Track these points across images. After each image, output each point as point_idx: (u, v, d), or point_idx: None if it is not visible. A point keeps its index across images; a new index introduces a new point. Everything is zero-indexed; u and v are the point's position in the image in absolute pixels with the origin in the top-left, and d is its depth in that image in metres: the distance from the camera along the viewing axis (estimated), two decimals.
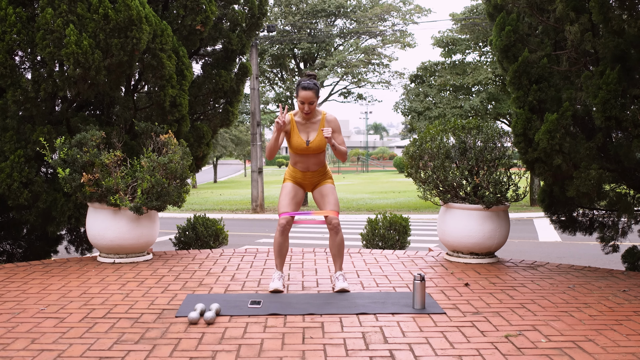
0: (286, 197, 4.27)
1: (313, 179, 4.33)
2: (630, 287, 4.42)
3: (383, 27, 23.08)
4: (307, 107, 4.09)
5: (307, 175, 4.32)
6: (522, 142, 5.18)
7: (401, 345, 3.09)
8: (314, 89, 4.07)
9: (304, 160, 4.26)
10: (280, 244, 4.25)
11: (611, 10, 4.42)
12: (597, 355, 2.96)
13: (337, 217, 4.22)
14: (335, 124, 4.20)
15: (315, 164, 4.28)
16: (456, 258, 5.42)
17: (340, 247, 4.27)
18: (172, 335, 3.24)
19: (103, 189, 5.07)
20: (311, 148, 4.17)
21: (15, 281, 4.52)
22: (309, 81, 4.08)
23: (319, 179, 4.34)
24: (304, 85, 4.06)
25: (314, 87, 4.07)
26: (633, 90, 4.60)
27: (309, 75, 4.16)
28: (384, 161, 68.04)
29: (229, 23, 7.02)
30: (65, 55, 5.11)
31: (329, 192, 4.28)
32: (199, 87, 6.78)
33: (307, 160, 4.25)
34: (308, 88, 4.04)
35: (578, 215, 5.88)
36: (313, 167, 4.28)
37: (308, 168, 4.29)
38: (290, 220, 4.20)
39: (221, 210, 20.12)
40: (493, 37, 5.40)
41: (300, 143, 4.17)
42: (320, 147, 4.20)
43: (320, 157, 4.28)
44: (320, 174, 4.33)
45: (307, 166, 4.28)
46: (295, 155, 4.27)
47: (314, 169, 4.29)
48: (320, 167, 4.32)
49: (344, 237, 4.33)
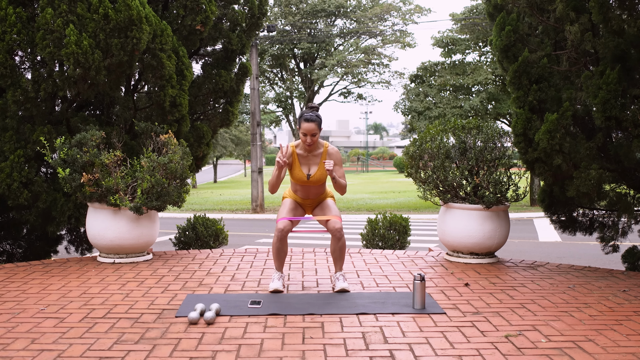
0: (285, 209, 4.27)
1: (313, 204, 4.40)
2: (630, 287, 4.42)
3: (383, 27, 23.09)
4: (310, 139, 4.10)
5: (306, 202, 4.38)
6: (522, 142, 5.18)
7: (401, 345, 3.09)
8: (317, 121, 4.07)
9: (304, 190, 4.31)
10: (279, 248, 4.23)
11: (611, 10, 4.42)
12: (597, 355, 2.96)
13: (339, 221, 4.21)
14: (336, 156, 4.21)
15: (316, 194, 4.33)
16: (456, 258, 5.42)
17: (341, 252, 4.27)
18: (172, 335, 3.24)
19: (103, 189, 5.07)
20: (312, 181, 4.20)
21: (15, 281, 4.53)
22: (311, 113, 4.09)
23: (319, 201, 4.40)
24: (307, 117, 4.06)
25: (317, 119, 4.08)
26: (633, 90, 4.60)
27: (311, 107, 4.17)
28: (384, 161, 68.04)
29: (229, 23, 7.02)
30: (65, 55, 5.11)
31: (329, 205, 4.31)
32: (199, 87, 6.78)
33: (307, 190, 4.30)
34: (311, 120, 4.05)
35: (578, 215, 5.88)
36: (313, 196, 4.34)
37: (308, 196, 4.34)
38: (288, 225, 4.17)
39: (221, 210, 20.12)
40: (493, 37, 5.40)
41: (301, 176, 4.20)
42: (321, 180, 4.22)
43: (321, 188, 4.32)
44: (321, 198, 4.39)
45: (307, 195, 4.33)
46: (295, 184, 4.30)
47: (314, 197, 4.35)
48: (321, 195, 4.37)
49: (345, 242, 4.35)
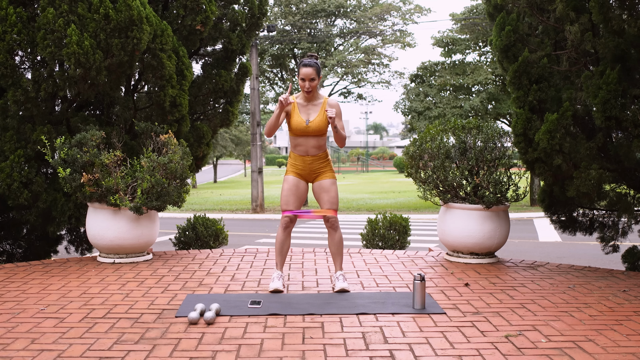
0: (288, 193, 4.24)
1: (313, 165, 4.23)
2: (631, 287, 4.42)
3: (383, 27, 23.08)
4: (308, 85, 4.09)
5: (306, 161, 4.23)
6: (522, 142, 5.18)
7: (401, 345, 3.09)
8: (315, 66, 4.08)
9: (303, 143, 4.20)
10: (282, 241, 4.25)
11: (611, 10, 4.42)
12: (597, 355, 2.96)
13: (335, 215, 4.22)
14: (338, 108, 4.19)
15: (315, 147, 4.20)
16: (456, 258, 5.42)
17: (339, 245, 4.27)
18: (172, 335, 3.24)
19: (103, 189, 5.07)
20: (310, 128, 4.12)
21: (15, 281, 4.53)
22: (309, 59, 4.11)
23: (319, 166, 4.25)
24: (305, 62, 4.10)
25: (315, 64, 4.09)
26: (633, 90, 4.60)
27: (311, 55, 4.18)
28: (384, 161, 68.03)
29: (229, 23, 7.02)
30: (66, 55, 5.11)
31: (328, 188, 4.24)
32: (199, 87, 6.78)
33: (306, 142, 4.19)
34: (309, 65, 4.07)
35: (578, 215, 5.88)
36: (312, 150, 4.20)
37: (307, 152, 4.22)
38: (293, 218, 4.21)
39: (221, 210, 20.12)
40: (493, 37, 5.40)
41: (299, 122, 4.14)
42: (320, 128, 4.14)
43: (320, 141, 4.21)
44: (321, 160, 4.24)
45: (306, 149, 4.21)
46: (294, 138, 4.22)
47: (314, 152, 4.21)
48: (321, 153, 4.24)
49: (342, 236, 4.33)
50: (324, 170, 4.27)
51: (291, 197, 4.24)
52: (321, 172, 4.27)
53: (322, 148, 4.25)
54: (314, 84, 4.11)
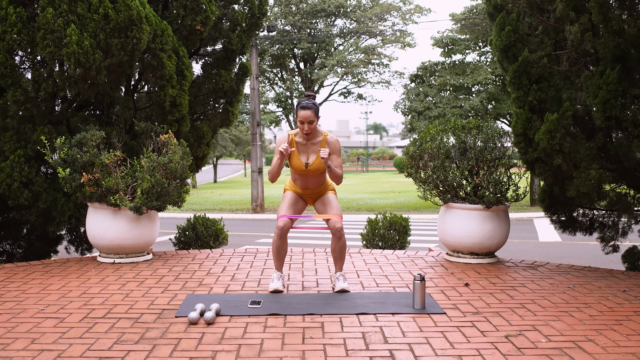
0: (286, 204, 4.27)
1: (313, 195, 4.37)
2: (631, 287, 4.42)
3: (383, 27, 23.08)
4: (307, 127, 4.09)
5: (306, 192, 4.36)
6: (522, 142, 5.18)
7: (401, 345, 3.09)
8: (313, 108, 4.07)
9: (303, 179, 4.29)
10: (279, 247, 4.24)
11: (611, 10, 4.42)
12: (597, 355, 2.96)
13: (340, 220, 4.21)
14: (335, 145, 4.21)
15: (315, 183, 4.30)
16: (456, 258, 5.42)
17: (342, 251, 4.27)
18: (172, 335, 3.24)
19: (103, 189, 5.07)
20: (310, 170, 4.18)
21: (15, 281, 4.53)
22: (307, 101, 4.09)
23: (319, 193, 4.36)
24: (303, 105, 4.07)
25: (313, 106, 4.07)
26: (633, 90, 4.60)
27: (308, 95, 4.17)
28: (384, 161, 68.02)
29: (229, 23, 7.02)
30: (66, 55, 5.11)
31: (330, 200, 4.29)
32: (199, 87, 6.78)
33: (306, 179, 4.28)
34: (307, 108, 4.05)
35: (578, 215, 5.88)
36: (312, 185, 4.31)
37: (307, 186, 4.32)
38: (288, 222, 4.19)
39: (221, 210, 20.12)
40: (493, 37, 5.40)
41: (299, 165, 4.19)
42: (320, 169, 4.19)
43: (320, 178, 4.28)
44: (321, 188, 4.35)
45: (306, 184, 4.31)
46: (294, 174, 4.29)
47: (313, 187, 4.32)
48: (320, 185, 4.33)
49: (346, 241, 4.33)
50: (325, 191, 4.37)
51: (289, 207, 4.26)
52: (322, 193, 4.36)
53: (322, 181, 4.33)
54: (313, 126, 4.11)
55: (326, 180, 4.38)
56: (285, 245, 4.26)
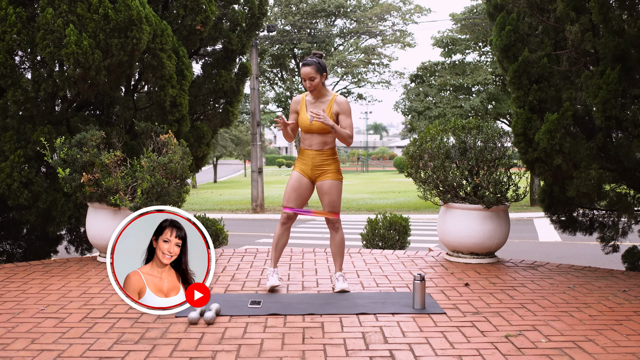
0: (290, 190, 4.24)
1: (315, 160, 4.18)
2: (630, 287, 4.42)
3: (383, 27, 23.08)
4: (309, 84, 4.08)
5: (309, 154, 4.20)
6: (522, 142, 5.18)
7: (401, 345, 3.09)
8: (314, 65, 4.04)
9: (308, 138, 4.21)
10: (279, 235, 4.25)
11: (611, 11, 4.42)
12: (597, 355, 2.96)
13: (336, 217, 4.22)
14: (344, 106, 4.14)
15: (320, 143, 4.17)
16: (456, 258, 5.42)
17: (340, 246, 4.27)
18: (172, 335, 3.24)
19: (103, 189, 5.07)
20: (314, 126, 4.11)
21: (15, 281, 4.53)
22: (310, 58, 4.09)
23: (322, 162, 4.19)
24: (305, 62, 4.09)
25: (314, 63, 4.05)
26: (633, 90, 4.60)
27: (314, 53, 4.16)
28: (384, 161, 68.02)
29: (229, 23, 7.02)
30: (65, 55, 5.11)
31: (330, 190, 4.19)
32: (199, 87, 6.78)
33: (311, 138, 4.19)
34: (307, 64, 4.06)
35: (578, 215, 5.88)
36: (317, 145, 4.17)
37: (311, 145, 4.19)
38: (292, 215, 4.22)
39: (221, 210, 20.11)
40: (493, 36, 5.40)
41: (304, 120, 4.16)
42: (323, 127, 4.09)
43: (325, 138, 4.16)
44: (325, 156, 4.19)
45: (310, 143, 4.19)
46: (302, 133, 4.25)
47: (318, 147, 4.17)
48: (327, 149, 4.19)
49: (344, 237, 4.32)
50: (328, 170, 4.20)
51: (293, 193, 4.23)
52: (325, 171, 4.20)
53: (328, 145, 4.20)
54: (315, 82, 4.08)
55: (333, 150, 4.25)
56: (285, 236, 4.27)
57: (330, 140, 4.21)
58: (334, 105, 4.14)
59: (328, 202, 4.21)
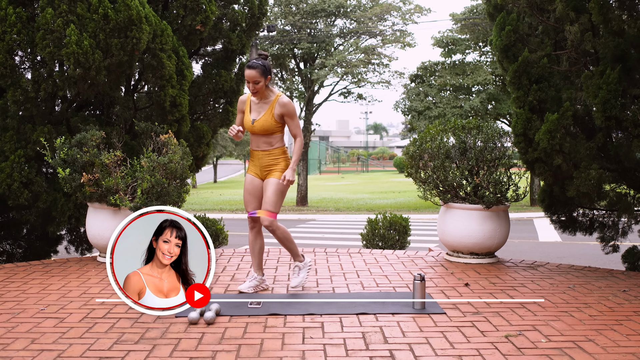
0: (245, 193, 4.22)
1: (263, 161, 4.14)
2: (630, 287, 4.42)
3: (383, 27, 23.07)
4: (252, 87, 3.98)
5: (258, 155, 4.16)
6: (522, 142, 5.18)
7: (401, 345, 3.09)
8: (258, 68, 3.93)
9: (254, 139, 4.16)
10: (252, 241, 4.26)
11: (611, 11, 4.42)
12: (597, 355, 2.96)
13: (267, 217, 4.06)
14: (288, 107, 4.05)
15: (265, 144, 4.11)
16: (456, 258, 5.42)
17: (283, 242, 4.18)
18: (172, 335, 3.24)
19: (103, 189, 5.07)
20: (255, 128, 4.05)
21: (15, 281, 4.53)
22: (254, 60, 3.96)
23: (269, 162, 4.13)
24: (249, 64, 3.96)
25: (259, 66, 3.93)
26: (633, 90, 4.60)
27: (260, 54, 4.02)
28: (384, 161, 67.99)
29: (229, 23, 7.02)
30: (65, 55, 5.11)
31: (269, 187, 4.10)
32: (199, 87, 6.78)
33: (256, 138, 4.14)
34: (252, 67, 3.94)
35: (578, 215, 5.88)
36: (262, 145, 4.12)
37: (258, 146, 4.14)
38: (255, 218, 4.18)
39: (221, 210, 20.10)
40: (493, 37, 5.40)
41: (247, 120, 4.10)
42: (265, 128, 4.04)
43: (270, 139, 4.10)
44: (272, 156, 4.13)
45: (257, 144, 4.14)
46: (250, 134, 4.20)
47: (263, 148, 4.12)
48: (272, 149, 4.12)
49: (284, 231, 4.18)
50: (275, 169, 4.14)
51: (249, 197, 4.21)
52: (271, 170, 4.15)
53: (274, 145, 4.14)
54: (259, 86, 3.97)
55: (277, 151, 4.15)
56: (258, 240, 4.26)
57: (276, 141, 4.15)
58: (277, 106, 4.04)
59: (264, 199, 4.10)
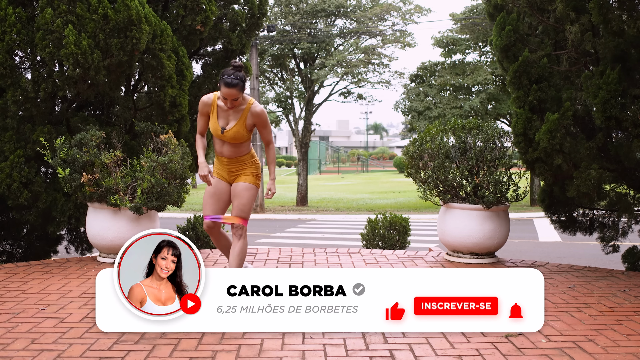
0: (207, 195, 4.09)
1: (230, 167, 4.03)
2: (630, 287, 4.42)
3: (383, 27, 23.08)
4: (231, 104, 3.76)
5: (223, 162, 4.03)
6: (522, 142, 5.18)
7: (401, 345, 3.09)
8: (237, 85, 3.68)
9: (219, 144, 3.98)
10: (215, 242, 4.27)
11: (611, 11, 4.42)
12: (597, 355, 2.96)
13: (243, 223, 4.01)
14: (261, 117, 3.88)
15: (232, 152, 3.96)
16: (456, 258, 5.42)
17: (239, 256, 3.98)
18: (172, 335, 3.24)
19: (103, 189, 5.07)
20: (226, 137, 3.87)
21: (15, 281, 4.52)
22: (233, 76, 3.68)
23: (237, 168, 4.03)
24: (227, 82, 3.66)
25: (237, 83, 3.68)
26: (633, 90, 4.60)
27: (236, 66, 3.72)
28: (384, 161, 67.98)
29: (229, 23, 7.02)
30: (64, 56, 5.11)
31: (240, 193, 4.00)
32: (199, 87, 6.78)
33: (222, 145, 3.96)
34: (232, 86, 3.67)
35: (578, 215, 5.88)
36: (228, 153, 3.97)
37: (222, 153, 3.98)
38: (210, 223, 4.12)
39: None
40: (493, 37, 5.40)
41: (216, 129, 3.88)
42: (236, 138, 3.87)
43: (236, 149, 3.96)
44: (239, 163, 4.02)
45: (221, 151, 3.98)
46: (214, 138, 4.02)
47: (230, 155, 3.98)
48: (239, 157, 4.00)
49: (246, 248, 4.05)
50: (244, 172, 4.04)
51: (209, 200, 4.09)
52: (240, 174, 4.04)
53: (241, 152, 4.01)
54: (237, 102, 3.78)
55: (245, 157, 4.04)
56: (221, 239, 4.24)
57: (245, 147, 4.01)
58: (249, 116, 3.87)
59: (237, 205, 4.00)
